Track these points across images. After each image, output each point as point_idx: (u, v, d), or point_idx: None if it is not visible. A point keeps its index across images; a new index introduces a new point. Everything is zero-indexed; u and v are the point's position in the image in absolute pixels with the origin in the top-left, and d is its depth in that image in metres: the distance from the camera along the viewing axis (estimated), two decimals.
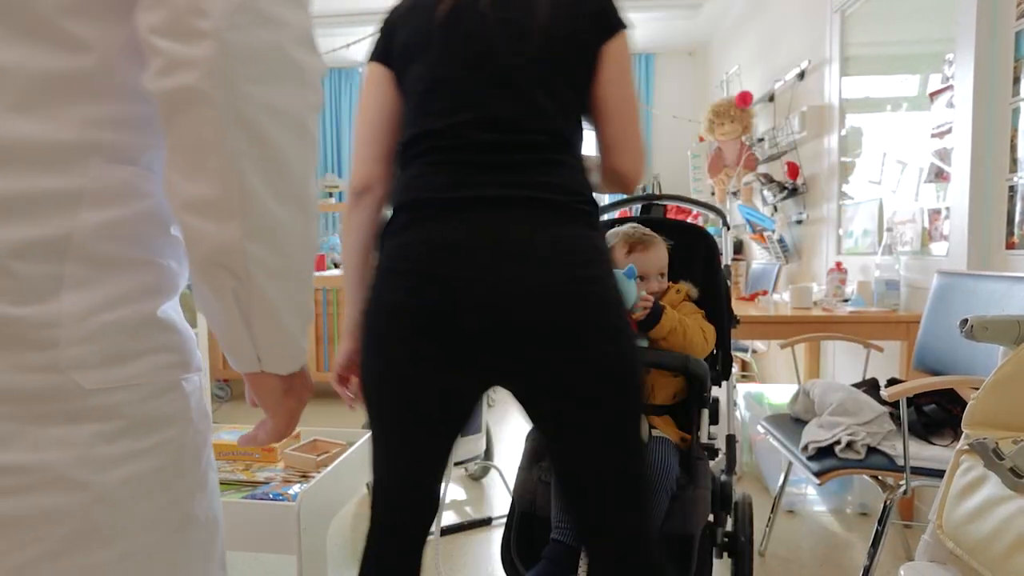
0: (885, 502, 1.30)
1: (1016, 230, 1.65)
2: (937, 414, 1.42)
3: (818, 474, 1.36)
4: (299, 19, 0.52)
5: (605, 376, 0.79)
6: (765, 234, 3.07)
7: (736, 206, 3.39)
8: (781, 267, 3.10)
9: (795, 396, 1.69)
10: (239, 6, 0.46)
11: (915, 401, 1.45)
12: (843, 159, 2.60)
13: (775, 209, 3.17)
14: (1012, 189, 1.67)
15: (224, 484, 1.48)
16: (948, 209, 1.88)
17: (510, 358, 0.80)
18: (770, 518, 1.84)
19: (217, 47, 0.45)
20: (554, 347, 0.78)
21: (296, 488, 1.42)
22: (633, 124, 0.94)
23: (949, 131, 1.86)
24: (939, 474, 1.29)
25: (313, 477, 1.43)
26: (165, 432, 0.53)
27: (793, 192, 2.95)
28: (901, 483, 1.29)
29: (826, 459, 1.38)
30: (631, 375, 0.82)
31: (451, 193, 0.81)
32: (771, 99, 3.30)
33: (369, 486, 1.78)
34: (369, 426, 0.93)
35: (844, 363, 2.51)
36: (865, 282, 2.24)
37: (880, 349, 1.85)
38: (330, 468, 1.48)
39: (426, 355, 0.81)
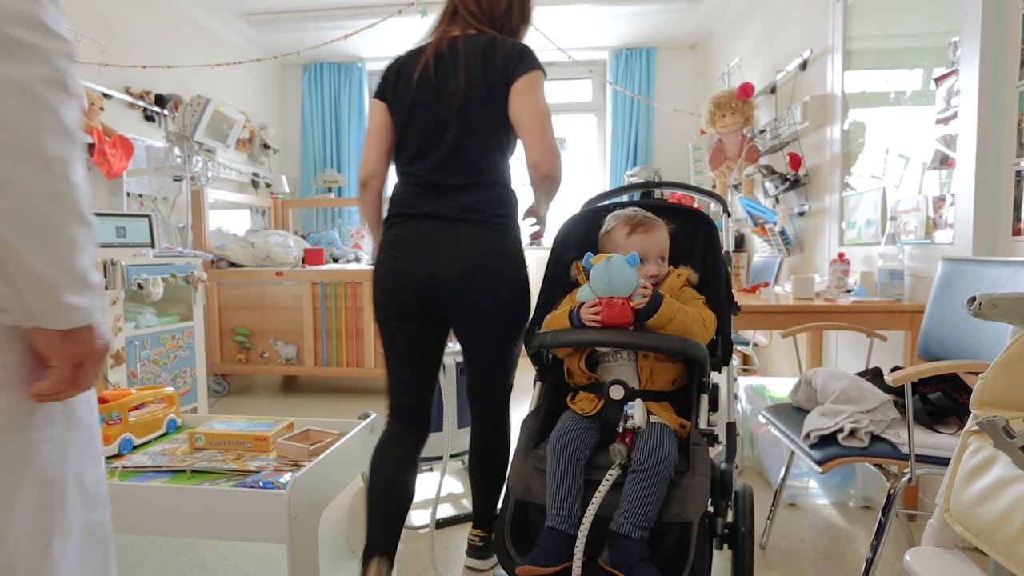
0: (889, 491, 1.27)
1: None
2: (942, 402, 1.39)
3: (820, 462, 1.33)
4: (13, 3, 0.58)
5: (486, 307, 1.43)
6: (767, 227, 3.04)
7: (737, 199, 3.36)
8: (783, 259, 3.07)
9: (797, 385, 1.66)
10: None
11: (920, 389, 1.42)
12: (846, 149, 2.57)
13: (777, 201, 3.13)
14: (1019, 174, 1.64)
15: (215, 473, 1.45)
16: (953, 196, 1.84)
17: (439, 300, 1.43)
18: (771, 511, 1.81)
19: None
20: (458, 293, 1.41)
21: (287, 476, 1.39)
22: (539, 125, 1.39)
23: (954, 116, 1.82)
24: (944, 462, 1.25)
25: (305, 466, 1.41)
26: None
27: (795, 183, 2.91)
28: (906, 471, 1.26)
29: (828, 447, 1.35)
30: (504, 312, 1.45)
31: (414, 209, 1.44)
32: (772, 91, 3.27)
33: (364, 476, 1.75)
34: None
35: (847, 354, 2.47)
36: (868, 272, 2.21)
37: (884, 338, 1.82)
38: (322, 456, 1.45)
39: (402, 294, 1.45)
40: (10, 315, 0.65)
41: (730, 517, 1.25)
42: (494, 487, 1.62)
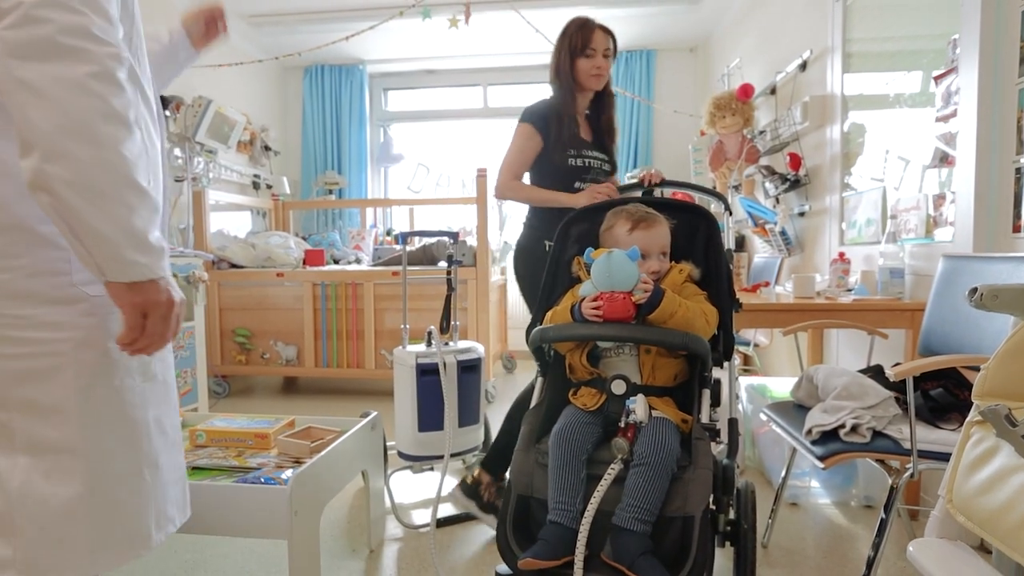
0: (891, 486, 1.27)
1: None
2: (944, 398, 1.39)
3: (822, 458, 1.32)
4: (66, 19, 0.72)
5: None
6: (767, 227, 3.04)
7: (738, 199, 3.36)
8: (783, 260, 3.07)
9: (798, 382, 1.66)
10: (24, 16, 0.70)
11: (921, 385, 1.42)
12: (846, 149, 2.57)
13: (777, 201, 3.14)
14: (1019, 171, 1.64)
15: (216, 470, 1.45)
16: (953, 194, 1.85)
17: None
18: (773, 509, 1.80)
19: (3, 36, 0.70)
20: None
21: (288, 473, 1.39)
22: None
23: (954, 114, 1.83)
24: (946, 457, 1.25)
25: (306, 462, 1.41)
26: None
27: (795, 184, 2.92)
28: (908, 466, 1.26)
29: (830, 443, 1.34)
30: (519, 279, 1.93)
31: None
32: (772, 91, 3.28)
33: (364, 474, 1.75)
34: None
35: (847, 353, 2.47)
36: (869, 271, 2.21)
37: (885, 336, 1.82)
38: (323, 453, 1.45)
39: None
40: (97, 286, 0.82)
41: (732, 514, 1.25)
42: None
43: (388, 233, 4.81)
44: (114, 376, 0.87)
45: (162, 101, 3.56)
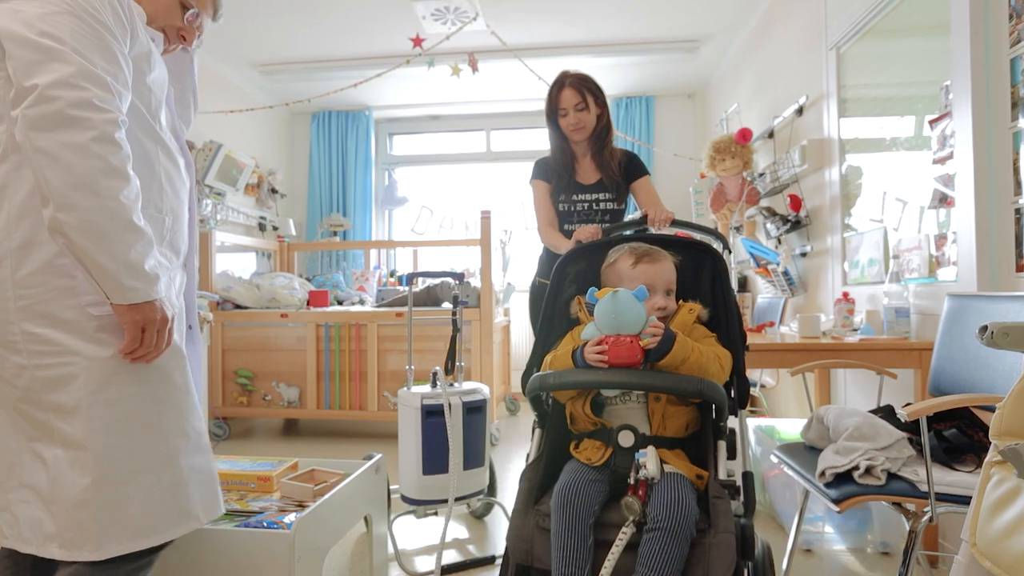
0: (910, 530, 1.24)
1: None
2: (958, 438, 1.37)
3: (837, 501, 1.29)
4: (72, 95, 0.92)
5: None
6: (769, 267, 3.06)
7: (740, 240, 3.39)
8: (787, 300, 3.08)
9: (808, 423, 1.64)
10: (38, 96, 0.90)
11: (934, 426, 1.40)
12: (845, 191, 2.61)
13: (779, 242, 3.16)
14: (1018, 212, 1.66)
15: None
16: (954, 234, 1.87)
17: None
18: (789, 559, 1.75)
19: (24, 114, 0.91)
20: None
21: (291, 517, 1.36)
22: None
23: (951, 156, 1.87)
24: (965, 500, 1.23)
25: (310, 506, 1.38)
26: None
27: (796, 225, 2.95)
28: (926, 510, 1.23)
29: (845, 485, 1.32)
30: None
31: None
32: (770, 135, 3.35)
33: (367, 519, 1.70)
34: None
35: (856, 393, 2.45)
36: (874, 311, 2.21)
37: (894, 376, 1.81)
38: (327, 496, 1.42)
39: None
40: (103, 307, 1.00)
41: None
42: None
43: (392, 274, 4.83)
44: (121, 384, 1.02)
45: None
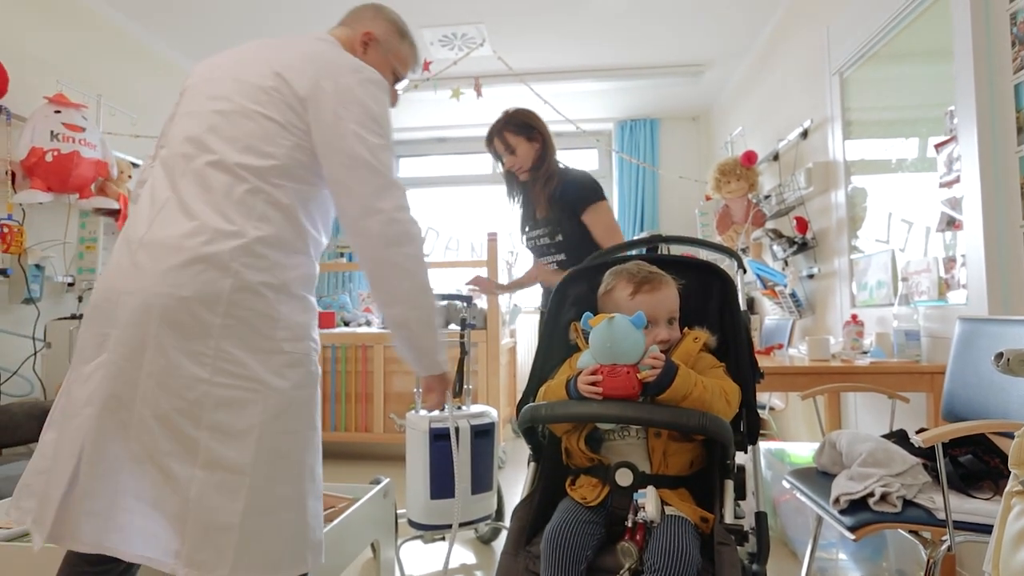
0: (928, 560, 1.22)
1: None
2: (974, 465, 1.35)
3: (853, 528, 1.27)
4: (406, 216, 1.14)
5: None
6: (777, 289, 3.05)
7: (747, 261, 3.39)
8: (795, 322, 3.07)
9: (821, 448, 1.62)
10: (389, 220, 1.11)
11: (949, 452, 1.38)
12: (851, 213, 2.62)
13: (785, 264, 3.16)
14: None
15: None
16: (963, 257, 1.86)
17: None
18: None
19: (382, 232, 1.11)
20: None
21: None
22: None
23: (957, 180, 1.87)
24: (984, 528, 1.21)
25: None
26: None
27: (803, 247, 2.95)
28: (944, 539, 1.21)
29: (860, 512, 1.30)
30: None
31: None
32: (775, 158, 3.37)
33: (374, 545, 1.69)
34: None
35: (867, 416, 2.42)
36: (884, 333, 2.20)
37: (906, 400, 1.79)
38: (336, 522, 1.41)
39: None
40: (296, 343, 1.11)
41: None
42: None
43: None
44: (291, 419, 1.08)
45: None
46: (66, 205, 2.84)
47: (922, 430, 1.55)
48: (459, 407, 2.08)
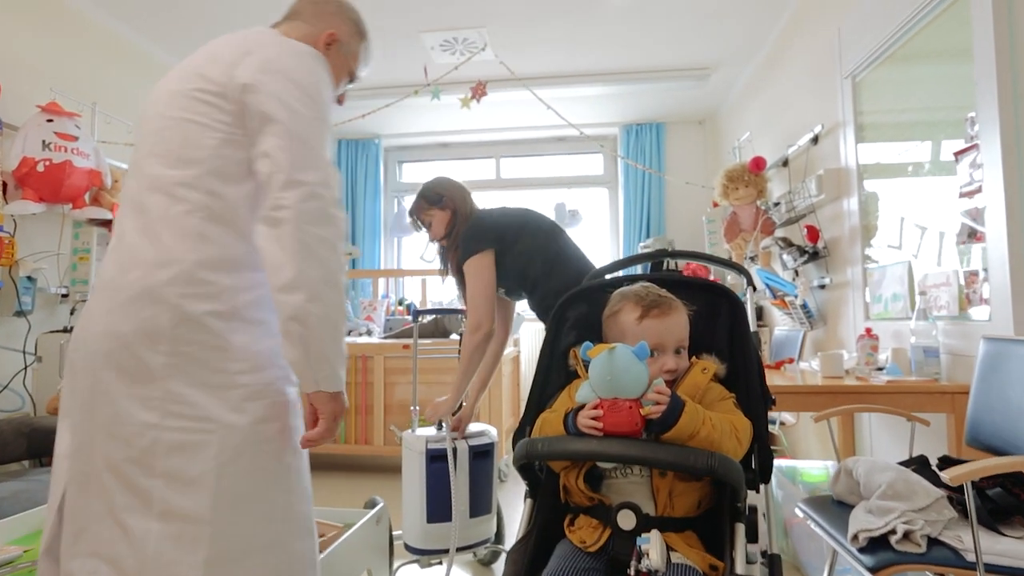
0: None
1: None
2: (1003, 499, 1.26)
3: (874, 570, 1.19)
4: (330, 195, 0.99)
5: None
6: (787, 299, 2.96)
7: (755, 271, 3.30)
8: (806, 333, 2.97)
9: (836, 475, 1.53)
10: (310, 193, 0.97)
11: (976, 484, 1.30)
12: (865, 221, 2.53)
13: (796, 274, 3.07)
14: None
15: None
16: (986, 271, 1.77)
17: None
18: None
19: (299, 207, 0.96)
20: None
21: None
22: None
23: (979, 190, 1.78)
24: (1017, 572, 1.12)
25: None
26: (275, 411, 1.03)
27: (814, 256, 2.86)
28: None
29: (881, 552, 1.21)
30: None
31: None
32: (785, 164, 3.28)
33: (368, 572, 1.61)
34: None
35: (883, 436, 2.33)
36: (900, 349, 2.11)
37: (927, 423, 1.70)
38: (325, 554, 1.34)
39: None
40: (249, 376, 1.00)
41: None
42: None
43: (400, 303, 4.78)
44: (255, 457, 0.99)
45: None
46: (59, 215, 2.79)
47: (945, 457, 1.46)
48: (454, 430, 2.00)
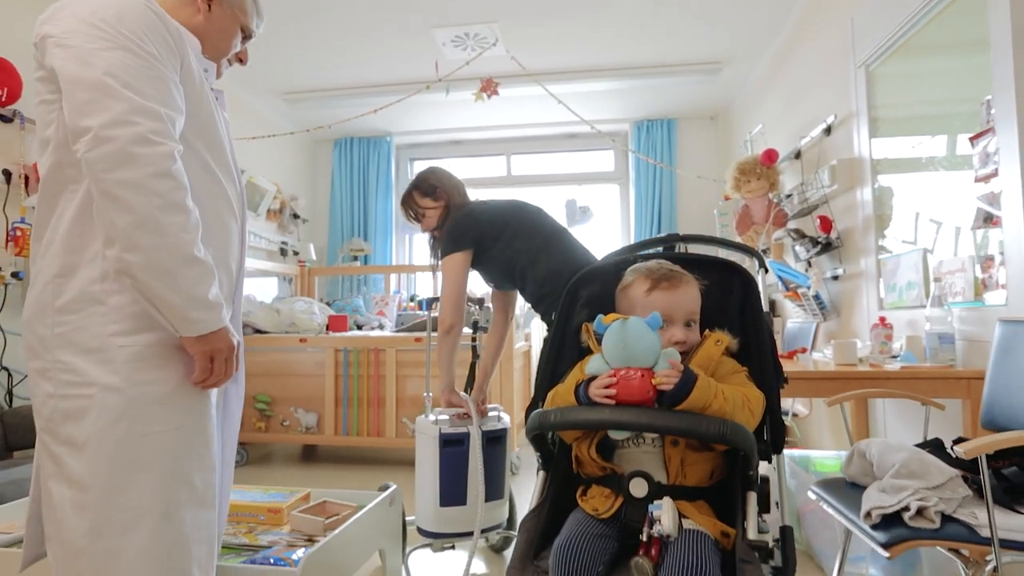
0: None
1: None
2: (1018, 477, 1.26)
3: (886, 545, 1.19)
4: (126, 132, 0.91)
5: None
6: (800, 291, 2.95)
7: (767, 263, 3.30)
8: (819, 324, 2.96)
9: (849, 457, 1.53)
10: (93, 138, 0.90)
11: (991, 463, 1.29)
12: (879, 211, 2.51)
13: (808, 265, 3.06)
14: None
15: (225, 548, 1.36)
16: (1003, 256, 1.76)
17: None
18: None
19: (85, 157, 0.90)
20: None
21: (300, 553, 1.29)
22: None
23: (995, 175, 1.77)
24: None
25: (319, 541, 1.31)
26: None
27: (827, 247, 2.84)
28: (988, 558, 1.12)
29: (894, 528, 1.21)
30: None
31: None
32: (797, 156, 3.27)
33: (381, 553, 1.63)
34: None
35: (897, 424, 2.31)
36: (915, 336, 2.09)
37: (941, 407, 1.69)
38: (337, 531, 1.36)
39: None
40: (128, 337, 0.98)
41: None
42: None
43: (412, 299, 4.81)
44: (139, 421, 0.96)
45: None
46: None
47: (960, 440, 1.46)
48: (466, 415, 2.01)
